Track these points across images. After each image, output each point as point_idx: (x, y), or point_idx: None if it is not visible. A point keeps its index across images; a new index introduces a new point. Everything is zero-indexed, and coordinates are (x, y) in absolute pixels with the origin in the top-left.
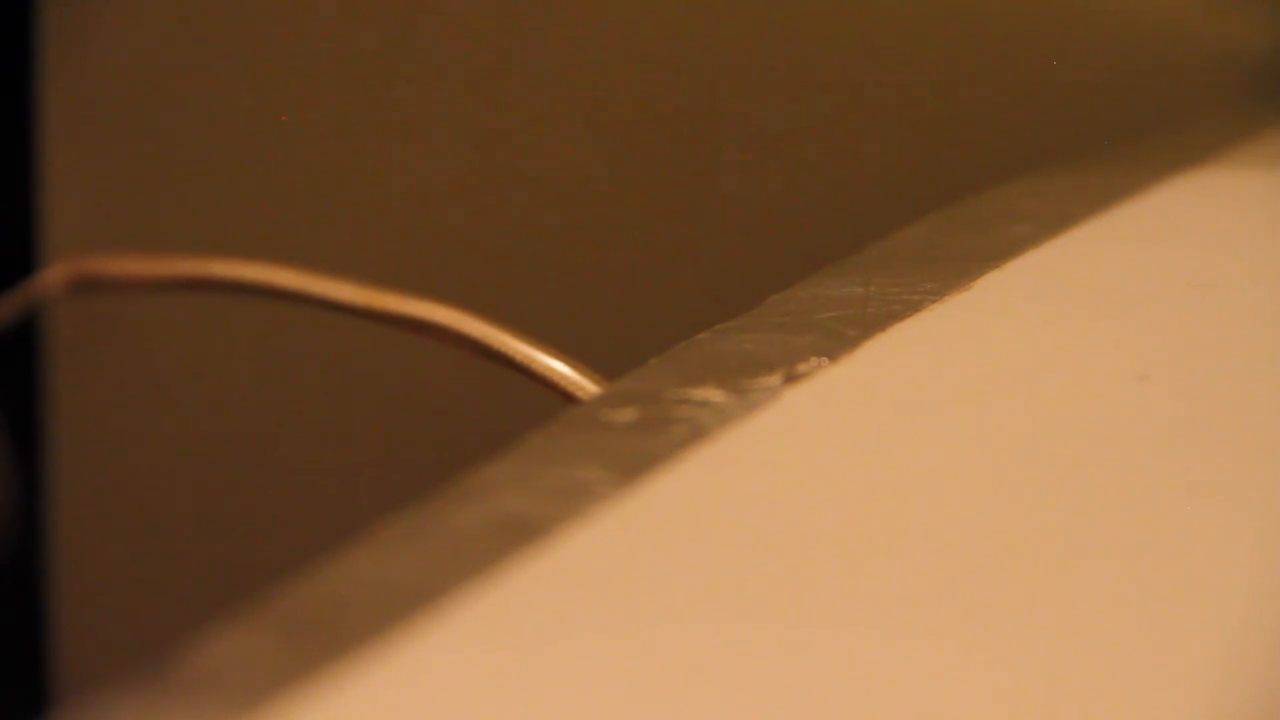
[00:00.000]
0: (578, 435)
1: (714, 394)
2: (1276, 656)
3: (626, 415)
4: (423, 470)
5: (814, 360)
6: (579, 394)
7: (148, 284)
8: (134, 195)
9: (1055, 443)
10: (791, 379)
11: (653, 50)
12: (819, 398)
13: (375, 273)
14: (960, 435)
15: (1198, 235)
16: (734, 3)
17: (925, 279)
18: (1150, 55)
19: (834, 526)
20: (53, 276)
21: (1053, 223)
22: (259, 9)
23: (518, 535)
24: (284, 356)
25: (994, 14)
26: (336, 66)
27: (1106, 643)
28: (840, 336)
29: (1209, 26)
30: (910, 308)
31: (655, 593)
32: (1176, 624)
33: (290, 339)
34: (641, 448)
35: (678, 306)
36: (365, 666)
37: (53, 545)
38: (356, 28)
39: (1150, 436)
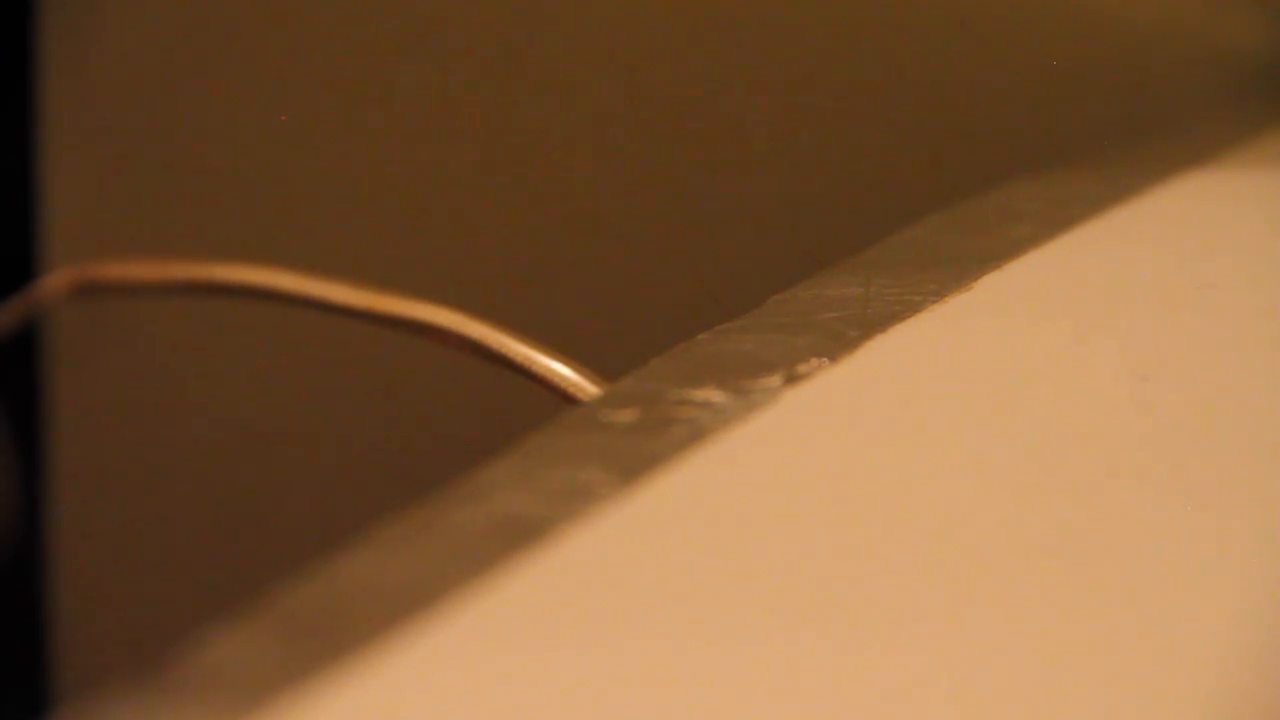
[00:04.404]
0: (578, 436)
1: (714, 394)
2: (1275, 657)
3: (627, 416)
4: (423, 470)
5: (814, 360)
6: (579, 395)
7: (150, 288)
8: (135, 199)
9: (1055, 443)
10: (791, 379)
11: (653, 51)
12: (819, 398)
13: (376, 275)
14: (960, 436)
15: (1198, 236)
16: (734, 3)
17: (925, 279)
18: (1150, 55)
19: (834, 527)
20: (55, 281)
21: (1053, 223)
22: (259, 10)
23: (518, 535)
24: (285, 359)
25: (994, 14)
26: (337, 68)
27: (1105, 643)
28: (840, 337)
29: (1209, 26)
30: (910, 308)
31: (656, 593)
32: (1175, 624)
33: (291, 342)
34: (642, 448)
35: (678, 306)
36: (365, 667)
37: (53, 546)
38: (357, 30)
39: (1150, 437)
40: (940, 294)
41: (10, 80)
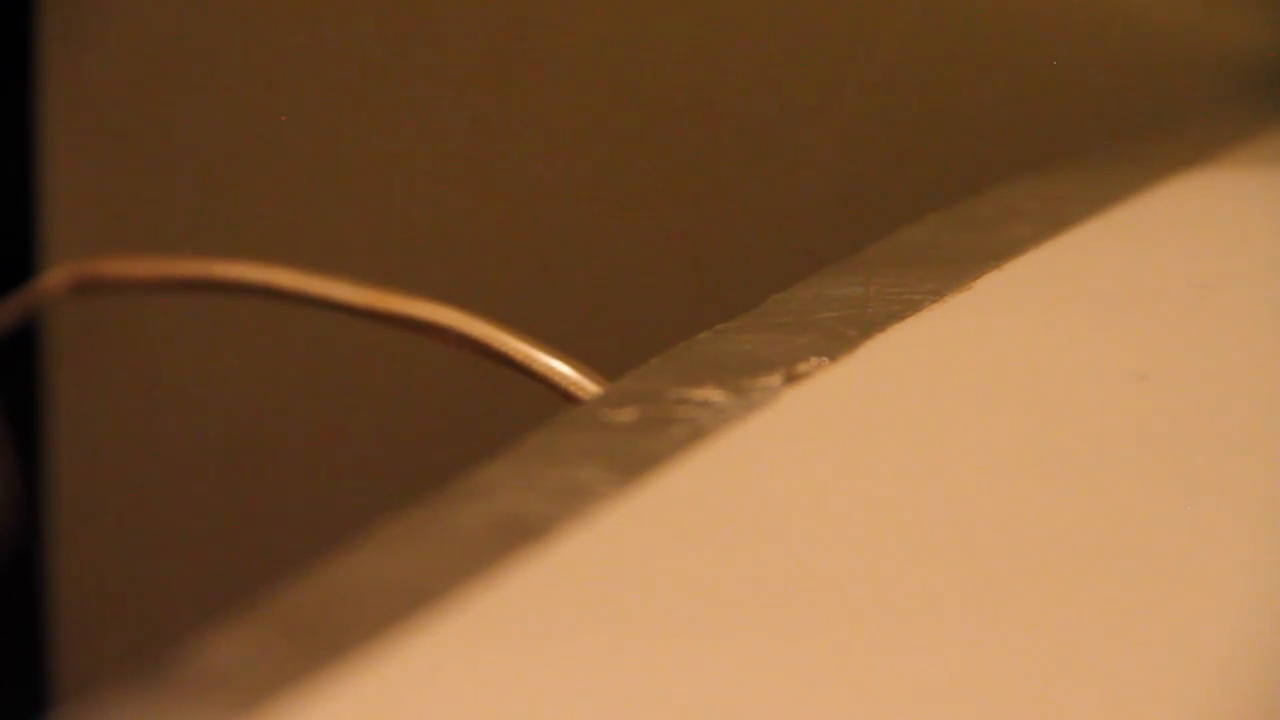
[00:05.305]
0: (578, 435)
1: (714, 394)
2: (1276, 656)
3: (627, 415)
4: (423, 470)
5: (814, 360)
6: (579, 394)
7: (149, 285)
8: (134, 197)
9: (1055, 442)
10: (791, 379)
11: (653, 50)
12: (819, 398)
13: (376, 273)
14: (960, 435)
15: (1198, 235)
16: (735, 3)
17: (925, 279)
18: (1150, 55)
19: (834, 526)
20: (54, 278)
21: (1053, 223)
22: (259, 9)
23: (518, 535)
24: (284, 357)
25: (994, 14)
26: (337, 67)
27: (1105, 642)
28: (840, 336)
29: (1209, 26)
30: (910, 308)
31: (655, 593)
32: (1175, 624)
33: (291, 340)
34: (641, 448)
35: (678, 306)
36: (365, 666)
37: (53, 545)
38: (357, 28)
39: (1150, 436)
40: (940, 293)
41: (10, 80)
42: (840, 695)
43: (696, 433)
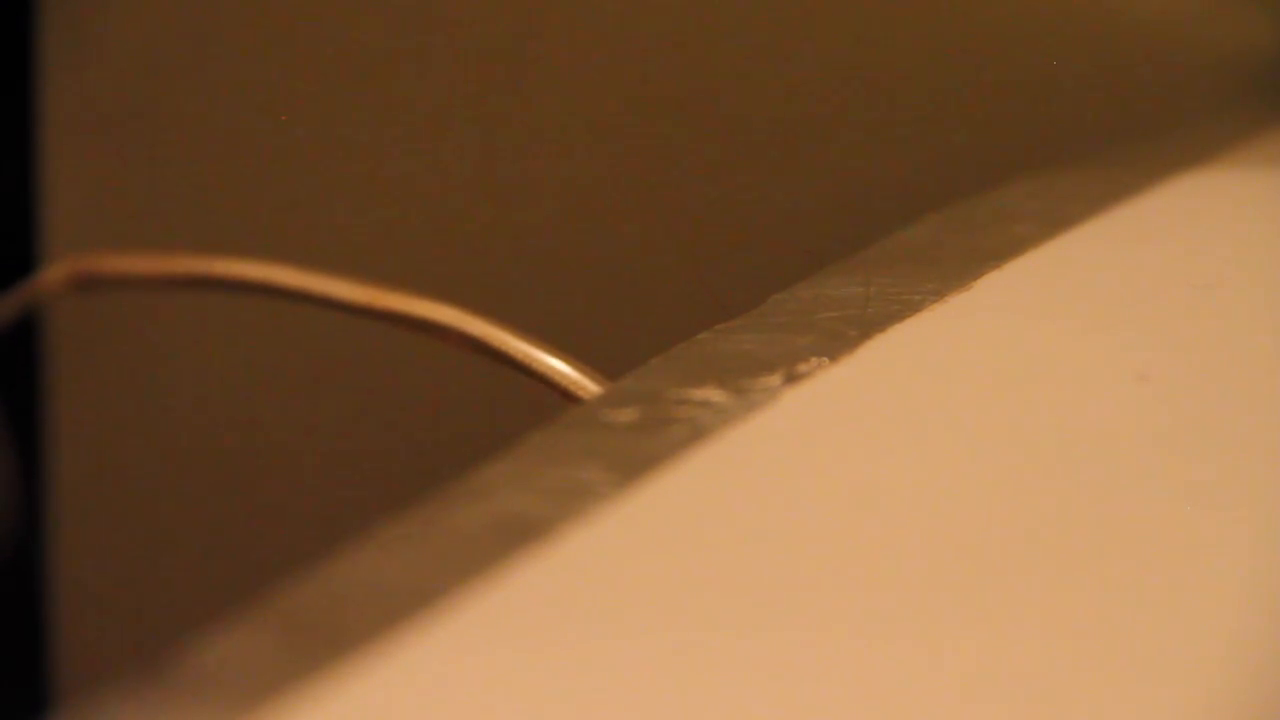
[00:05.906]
0: (578, 435)
1: (714, 394)
2: (1275, 658)
3: (627, 415)
4: (423, 470)
5: (814, 360)
6: (580, 394)
7: (148, 282)
8: (134, 193)
9: (1055, 443)
10: (791, 379)
11: (653, 50)
12: (819, 398)
13: (376, 271)
14: (960, 436)
15: (1198, 235)
16: (735, 2)
17: (925, 279)
18: (1150, 55)
19: (834, 527)
20: (53, 275)
21: (1053, 223)
22: (259, 8)
23: (518, 535)
24: (284, 355)
25: (994, 14)
26: (337, 65)
27: (1104, 644)
28: (840, 336)
29: (1209, 27)
30: (910, 308)
31: (655, 593)
32: (1174, 625)
33: (291, 338)
34: (642, 448)
35: (678, 306)
36: (365, 666)
37: (53, 545)
38: (357, 26)
39: (1150, 436)
40: (940, 293)
41: (10, 77)
42: (841, 694)
43: (696, 433)
